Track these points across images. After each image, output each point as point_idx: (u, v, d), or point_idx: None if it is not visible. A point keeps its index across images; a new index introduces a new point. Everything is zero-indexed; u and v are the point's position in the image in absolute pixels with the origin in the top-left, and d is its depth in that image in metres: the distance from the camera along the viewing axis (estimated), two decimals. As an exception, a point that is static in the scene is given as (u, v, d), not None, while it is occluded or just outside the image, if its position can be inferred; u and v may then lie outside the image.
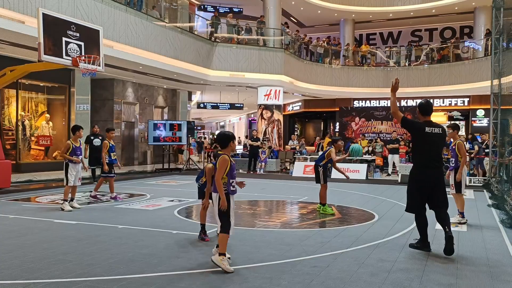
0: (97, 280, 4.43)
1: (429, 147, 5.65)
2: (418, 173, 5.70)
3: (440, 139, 5.74)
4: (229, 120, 49.22)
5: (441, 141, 5.77)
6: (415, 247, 5.81)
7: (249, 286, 4.31)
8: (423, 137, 5.63)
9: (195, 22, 21.13)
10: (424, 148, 5.67)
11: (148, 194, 11.09)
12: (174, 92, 24.14)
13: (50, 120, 17.31)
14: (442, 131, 5.79)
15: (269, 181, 14.77)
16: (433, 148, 5.67)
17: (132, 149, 21.49)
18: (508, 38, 13.54)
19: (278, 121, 22.31)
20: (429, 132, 5.62)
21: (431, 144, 5.64)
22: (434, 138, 5.64)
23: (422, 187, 5.63)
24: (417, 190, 5.67)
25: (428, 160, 5.65)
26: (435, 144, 5.67)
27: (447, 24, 28.63)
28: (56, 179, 13.94)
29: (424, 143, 5.66)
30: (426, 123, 5.71)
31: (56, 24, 10.24)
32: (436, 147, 5.71)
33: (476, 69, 21.96)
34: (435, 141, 5.66)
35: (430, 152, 5.66)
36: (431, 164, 5.65)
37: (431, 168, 5.65)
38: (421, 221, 5.75)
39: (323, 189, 8.92)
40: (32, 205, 9.45)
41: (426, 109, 5.82)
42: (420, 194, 5.66)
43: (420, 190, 5.65)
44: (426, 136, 5.62)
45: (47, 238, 6.21)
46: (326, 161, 9.03)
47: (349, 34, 28.09)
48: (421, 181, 5.64)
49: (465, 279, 4.68)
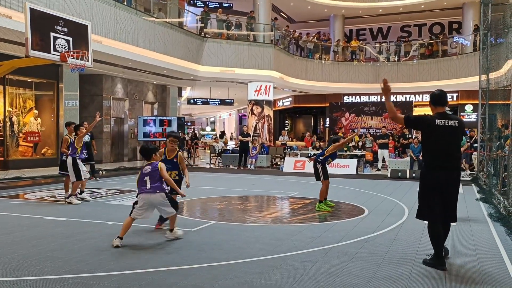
0: (87, 276, 4.41)
1: (441, 143, 4.82)
2: (428, 174, 4.90)
3: (456, 133, 4.88)
4: (219, 115, 49.18)
5: (457, 136, 4.91)
6: (428, 264, 4.89)
7: (240, 282, 4.32)
8: (434, 131, 4.83)
9: (184, 17, 21.02)
10: (436, 145, 4.85)
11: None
12: (164, 87, 24.03)
13: (39, 116, 17.13)
14: (459, 123, 4.90)
15: (259, 177, 14.78)
16: (447, 144, 4.83)
17: (122, 145, 21.37)
18: (496, 33, 13.66)
19: (269, 116, 22.31)
20: (440, 125, 4.80)
21: (444, 139, 4.82)
22: (447, 131, 4.81)
23: (434, 190, 4.85)
24: (429, 194, 4.88)
25: (440, 159, 4.83)
26: (449, 139, 4.83)
27: (436, 20, 28.80)
28: (44, 175, 13.83)
29: (435, 138, 4.84)
30: (437, 115, 4.92)
31: (44, 19, 10.12)
32: (450, 142, 4.86)
33: (465, 65, 22.14)
34: (449, 135, 4.82)
35: (442, 148, 4.83)
36: (444, 163, 4.83)
37: (445, 169, 4.83)
38: (436, 230, 4.87)
39: (324, 186, 8.65)
40: (21, 202, 9.36)
41: (438, 99, 5.00)
42: (434, 199, 4.86)
43: (433, 194, 4.85)
44: (437, 129, 4.81)
45: (36, 235, 6.16)
46: (326, 156, 8.74)
47: (339, 29, 28.14)
48: (432, 184, 4.86)
49: (454, 272, 4.73)
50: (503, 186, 9.44)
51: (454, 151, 4.88)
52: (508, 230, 6.75)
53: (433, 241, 4.87)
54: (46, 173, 14.32)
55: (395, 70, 24.21)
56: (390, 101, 4.98)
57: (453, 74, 22.61)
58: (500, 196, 9.11)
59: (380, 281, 4.38)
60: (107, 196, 10.03)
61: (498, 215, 7.85)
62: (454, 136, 4.86)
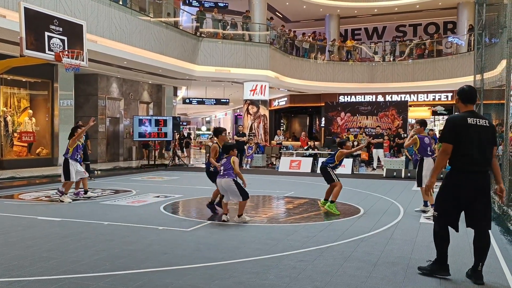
0: (82, 277, 4.39)
1: (473, 144, 4.36)
2: (456, 177, 4.43)
3: (488, 134, 4.44)
4: (215, 115, 49.14)
5: (488, 137, 4.45)
6: (428, 271, 4.58)
7: (236, 281, 4.32)
8: (465, 131, 4.37)
9: (180, 16, 20.99)
10: (466, 146, 4.36)
11: (133, 190, 11.01)
12: (159, 87, 23.98)
13: (33, 116, 17.04)
14: (490, 124, 4.48)
15: (255, 176, 14.77)
16: (478, 145, 4.37)
17: (117, 145, 21.31)
18: (490, 33, 13.72)
19: (264, 116, 22.31)
20: (472, 124, 4.39)
21: (476, 140, 4.37)
22: (479, 131, 4.39)
23: (459, 196, 4.40)
24: (453, 198, 4.43)
25: (471, 161, 4.37)
26: (480, 139, 4.39)
27: (431, 20, 28.91)
28: (39, 175, 13.77)
29: (466, 138, 4.36)
30: (468, 113, 4.49)
31: (38, 18, 10.07)
32: (482, 143, 4.40)
33: (459, 64, 22.23)
34: (480, 135, 4.39)
35: (474, 150, 4.36)
36: (475, 167, 4.38)
37: (475, 173, 4.39)
38: (444, 235, 4.53)
39: (338, 187, 8.36)
40: (16, 202, 9.32)
41: (469, 96, 4.56)
42: (456, 204, 4.44)
43: (457, 199, 4.42)
44: (469, 129, 4.36)
45: (31, 235, 6.13)
46: (337, 163, 8.58)
47: (334, 29, 28.22)
48: (459, 188, 4.40)
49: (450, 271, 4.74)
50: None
51: (485, 152, 4.43)
52: (502, 229, 6.80)
53: (437, 244, 4.57)
54: (41, 173, 14.27)
55: (390, 69, 24.28)
56: (434, 177, 4.58)
57: (448, 74, 22.70)
58: (495, 195, 9.15)
59: (375, 281, 4.40)
60: (103, 196, 10.00)
61: (492, 214, 7.88)
62: (485, 137, 4.43)
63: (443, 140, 4.45)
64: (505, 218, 7.28)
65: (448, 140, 4.41)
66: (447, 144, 4.40)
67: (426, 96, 25.17)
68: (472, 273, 4.46)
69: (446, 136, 4.44)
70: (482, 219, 4.41)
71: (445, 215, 4.49)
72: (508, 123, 7.94)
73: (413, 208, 8.69)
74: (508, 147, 7.93)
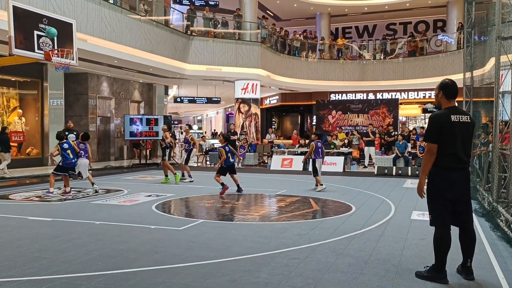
0: (74, 277, 4.37)
1: (456, 141, 4.30)
2: (440, 176, 4.35)
3: (469, 129, 4.40)
4: (207, 114, 49.01)
5: (470, 132, 4.42)
6: (425, 277, 4.40)
7: (228, 279, 4.32)
8: (450, 130, 4.29)
9: (170, 15, 20.91)
10: (451, 144, 4.30)
11: (125, 190, 10.97)
12: (150, 86, 23.87)
13: (23, 115, 16.88)
14: (471, 119, 4.41)
15: (247, 175, 14.77)
16: (461, 142, 4.32)
17: (108, 144, 21.18)
18: (479, 31, 13.82)
19: (256, 114, 22.31)
20: (455, 121, 4.31)
21: (458, 137, 4.30)
22: (461, 128, 4.32)
23: (446, 194, 4.33)
24: (441, 198, 4.35)
25: (454, 159, 4.31)
26: (462, 136, 4.33)
27: (420, 18, 29.08)
28: (30, 175, 13.65)
29: (450, 137, 4.29)
30: (451, 110, 4.42)
31: (27, 17, 9.97)
32: (464, 140, 4.36)
33: (449, 62, 22.38)
34: (463, 132, 4.33)
35: (457, 147, 4.30)
36: (458, 164, 4.33)
37: (458, 170, 4.35)
38: (444, 236, 4.34)
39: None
40: (6, 202, 9.23)
41: (454, 91, 4.48)
42: (446, 203, 4.35)
43: (445, 198, 4.34)
44: (452, 126, 4.29)
45: (21, 236, 6.08)
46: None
47: (325, 27, 28.27)
48: (446, 185, 4.32)
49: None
50: (487, 182, 9.57)
51: (467, 149, 4.41)
52: (492, 225, 6.86)
53: (437, 248, 4.36)
54: (31, 173, 14.15)
55: (381, 68, 24.39)
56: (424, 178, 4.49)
57: (437, 71, 22.82)
58: (485, 192, 9.24)
59: (367, 277, 4.42)
60: (94, 196, 9.95)
61: (482, 211, 7.97)
62: (467, 133, 4.38)
63: (428, 140, 4.38)
64: (495, 214, 7.34)
65: (433, 140, 4.34)
66: (432, 144, 4.34)
67: (417, 94, 25.32)
68: (462, 269, 4.50)
69: (431, 136, 4.37)
70: (467, 214, 4.42)
71: (440, 213, 4.38)
72: (497, 121, 8.01)
73: (404, 206, 8.75)
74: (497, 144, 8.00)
